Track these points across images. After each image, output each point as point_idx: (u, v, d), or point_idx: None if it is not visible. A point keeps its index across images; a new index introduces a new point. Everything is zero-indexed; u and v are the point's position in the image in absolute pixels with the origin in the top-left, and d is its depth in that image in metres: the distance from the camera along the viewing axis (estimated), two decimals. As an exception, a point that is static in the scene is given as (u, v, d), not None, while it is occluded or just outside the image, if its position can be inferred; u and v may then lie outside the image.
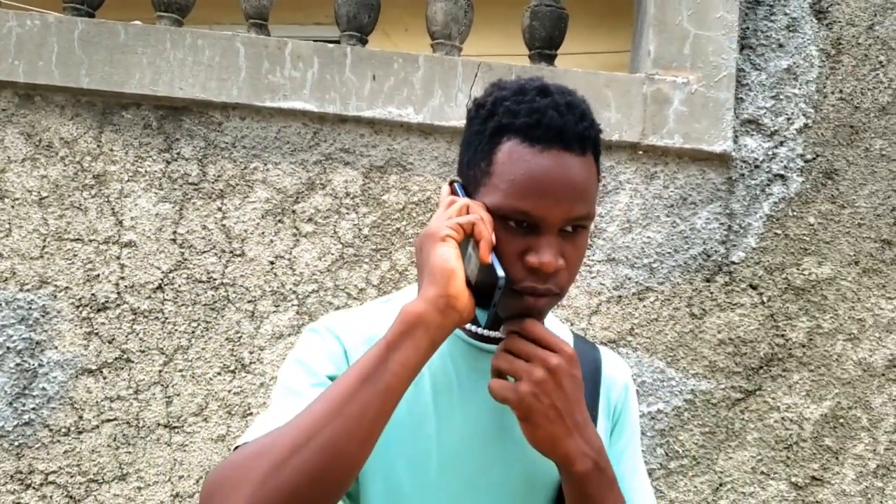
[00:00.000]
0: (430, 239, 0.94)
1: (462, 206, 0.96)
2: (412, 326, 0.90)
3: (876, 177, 2.27)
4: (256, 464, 0.82)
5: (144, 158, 2.16)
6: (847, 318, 2.22)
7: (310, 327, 1.04)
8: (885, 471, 2.19)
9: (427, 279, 0.92)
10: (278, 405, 0.93)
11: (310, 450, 0.83)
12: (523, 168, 0.94)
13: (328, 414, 0.85)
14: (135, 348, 2.11)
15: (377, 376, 0.87)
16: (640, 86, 2.23)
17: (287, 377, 0.97)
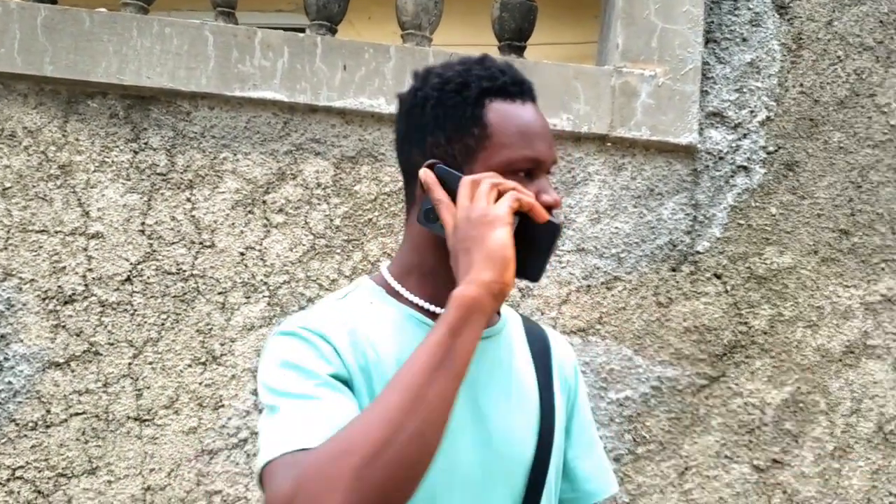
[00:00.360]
0: (486, 224, 0.94)
1: (492, 185, 0.98)
2: (471, 311, 0.91)
3: (834, 168, 2.33)
4: (345, 462, 0.81)
5: (111, 148, 2.13)
6: (806, 306, 2.29)
7: (283, 331, 1.01)
8: (841, 452, 2.27)
9: (482, 264, 0.93)
10: (294, 411, 0.91)
11: (400, 441, 0.83)
12: (519, 121, 1.03)
13: (411, 403, 0.85)
14: (103, 341, 2.08)
15: (447, 362, 0.88)
16: (609, 78, 2.26)
17: (281, 383, 0.95)
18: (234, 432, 2.09)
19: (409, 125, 1.08)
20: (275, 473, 0.85)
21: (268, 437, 0.90)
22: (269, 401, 0.94)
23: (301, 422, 0.90)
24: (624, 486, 2.19)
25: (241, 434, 2.09)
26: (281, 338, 1.00)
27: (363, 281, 1.12)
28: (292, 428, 0.89)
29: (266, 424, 0.92)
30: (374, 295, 1.09)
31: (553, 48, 3.87)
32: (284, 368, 0.96)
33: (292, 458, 0.85)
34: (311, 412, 0.90)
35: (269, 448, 0.88)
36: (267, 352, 1.01)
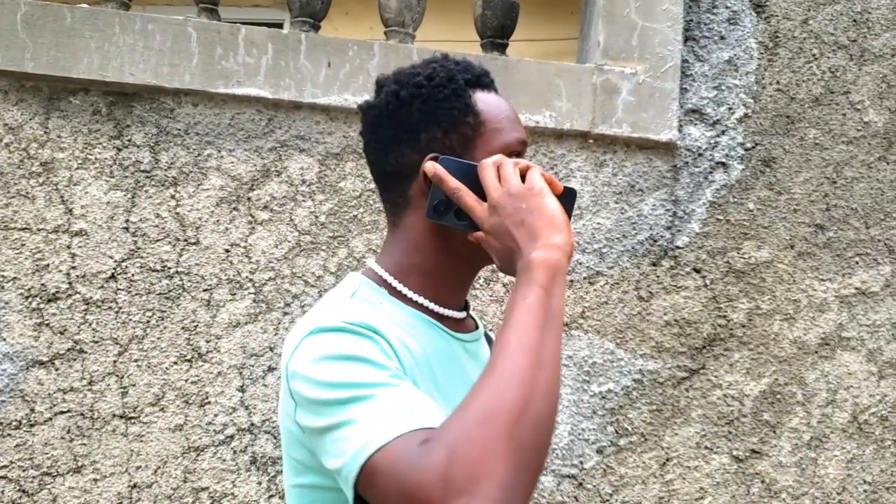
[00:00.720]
0: (534, 195, 0.98)
1: (515, 163, 1.02)
2: (556, 272, 0.93)
3: (810, 164, 2.38)
4: (495, 425, 0.81)
5: (94, 145, 2.12)
6: (783, 300, 2.34)
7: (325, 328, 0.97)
8: (817, 442, 2.32)
9: (548, 229, 0.95)
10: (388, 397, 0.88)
11: (537, 398, 0.85)
12: (501, 107, 1.10)
13: (534, 361, 0.86)
14: (88, 339, 2.07)
15: (549, 322, 0.90)
16: (591, 76, 2.29)
17: (351, 376, 0.91)
18: (220, 429, 2.09)
19: (395, 127, 1.08)
20: (402, 453, 0.82)
21: (367, 426, 0.86)
22: (340, 394, 0.90)
23: (403, 404, 0.88)
24: (606, 478, 2.22)
25: (227, 431, 2.09)
26: (328, 335, 0.96)
27: (360, 279, 1.11)
28: (399, 410, 0.87)
29: (352, 415, 0.88)
30: (380, 295, 1.09)
31: (529, 45, 3.90)
32: (349, 362, 0.92)
33: (415, 435, 0.84)
34: (405, 396, 0.89)
35: (375, 435, 0.85)
36: (311, 351, 0.96)
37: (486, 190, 1.01)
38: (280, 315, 2.14)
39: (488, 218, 1.00)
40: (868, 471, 2.33)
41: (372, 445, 0.85)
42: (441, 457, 0.80)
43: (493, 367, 0.87)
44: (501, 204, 0.98)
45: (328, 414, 0.91)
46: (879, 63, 2.43)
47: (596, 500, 2.21)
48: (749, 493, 2.28)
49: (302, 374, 0.95)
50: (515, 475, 0.81)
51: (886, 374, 2.36)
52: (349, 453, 0.87)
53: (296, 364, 0.97)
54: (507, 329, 0.89)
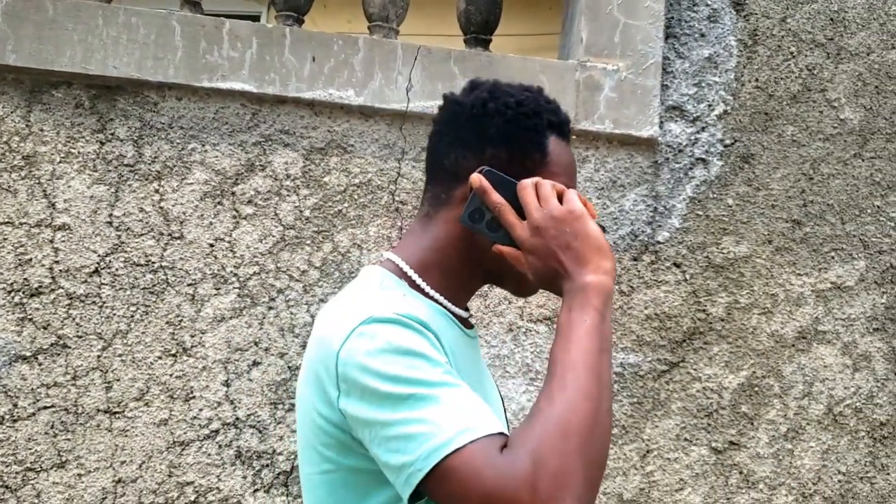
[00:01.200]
0: (578, 219, 1.03)
1: (553, 185, 1.07)
2: (607, 296, 1.00)
3: (787, 161, 2.42)
4: (572, 440, 0.87)
5: (77, 139, 2.11)
6: (761, 294, 2.38)
7: (379, 318, 0.99)
8: (794, 434, 2.37)
9: (595, 254, 1.02)
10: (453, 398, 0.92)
11: (602, 416, 0.91)
12: (568, 157, 1.16)
13: (598, 382, 0.93)
14: (71, 333, 2.06)
15: (605, 344, 0.97)
16: (573, 72, 2.31)
17: (409, 371, 0.94)
18: (205, 423, 2.10)
19: (470, 130, 1.14)
20: (482, 458, 0.87)
21: (437, 427, 0.89)
22: (402, 389, 0.93)
23: (470, 408, 0.92)
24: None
25: (212, 425, 2.10)
26: (383, 325, 0.98)
27: (381, 272, 1.14)
28: (467, 414, 0.91)
29: (419, 414, 0.91)
30: (402, 288, 1.13)
31: (508, 40, 3.91)
32: (407, 357, 0.95)
33: (492, 441, 0.88)
34: (467, 398, 0.93)
35: (450, 437, 0.89)
36: (367, 338, 0.97)
37: (527, 209, 1.05)
38: (265, 310, 2.14)
39: (529, 238, 1.04)
40: (843, 461, 2.38)
41: (448, 447, 0.89)
42: (527, 465, 0.86)
43: (563, 381, 0.92)
44: (545, 226, 1.03)
45: (389, 408, 0.93)
46: (855, 61, 2.47)
47: (578, 492, 2.25)
48: (727, 483, 2.32)
49: (358, 363, 0.96)
50: (588, 486, 0.88)
51: (861, 367, 2.41)
52: (419, 452, 0.90)
53: (350, 352, 0.98)
54: (571, 348, 0.95)
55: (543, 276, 1.05)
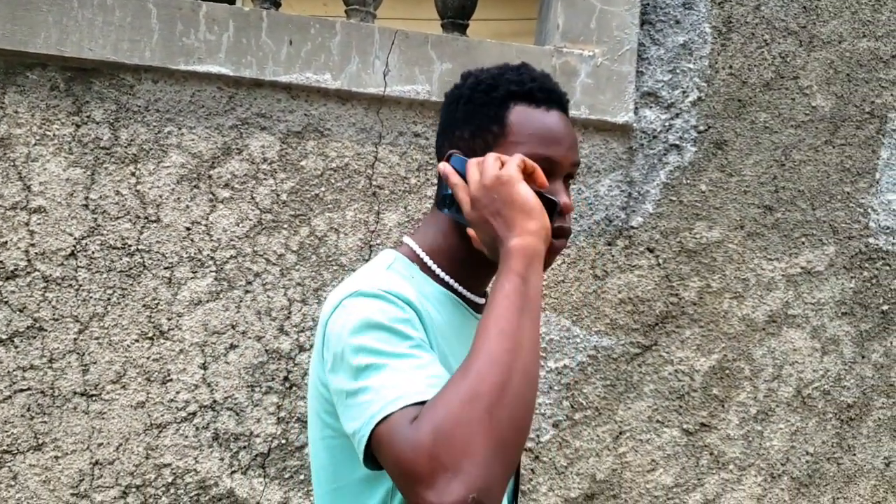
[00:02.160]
0: (503, 184, 1.02)
1: (496, 157, 1.06)
2: (532, 258, 0.99)
3: (760, 147, 2.46)
4: (477, 406, 0.87)
5: (52, 121, 2.10)
6: (733, 278, 2.42)
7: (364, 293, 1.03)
8: (763, 416, 2.42)
9: (521, 217, 1.01)
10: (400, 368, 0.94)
11: (515, 381, 0.90)
12: (538, 122, 1.12)
13: (512, 347, 0.92)
14: (48, 316, 2.06)
15: (527, 306, 0.95)
16: (550, 58, 2.32)
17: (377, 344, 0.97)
18: (182, 406, 2.11)
19: (446, 119, 1.20)
20: (397, 428, 0.89)
21: (377, 395, 0.93)
22: (363, 360, 0.96)
23: (411, 377, 0.94)
24: (562, 451, 2.29)
25: (189, 407, 2.11)
26: (364, 299, 1.02)
27: (395, 254, 1.18)
28: (404, 383, 0.93)
29: (369, 383, 0.95)
30: (412, 270, 1.16)
31: (484, 24, 3.92)
32: (378, 330, 0.98)
33: (413, 411, 0.90)
34: (417, 369, 0.95)
35: (383, 405, 0.91)
36: (350, 311, 1.02)
37: (469, 184, 1.07)
38: (241, 293, 2.15)
39: (470, 212, 1.06)
40: (811, 442, 2.43)
41: (380, 414, 0.92)
42: (427, 433, 0.87)
43: (474, 350, 0.93)
44: (478, 196, 1.05)
45: (351, 378, 0.98)
46: (827, 49, 2.51)
47: (552, 472, 2.28)
48: (698, 464, 2.37)
49: (338, 334, 1.02)
50: (496, 453, 0.87)
51: (829, 351, 2.46)
52: (363, 419, 0.94)
53: (334, 324, 1.04)
54: (488, 314, 0.95)
55: (490, 248, 1.06)
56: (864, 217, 2.51)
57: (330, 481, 1.10)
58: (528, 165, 1.06)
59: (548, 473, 2.28)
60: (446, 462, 0.85)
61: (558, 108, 1.15)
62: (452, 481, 0.84)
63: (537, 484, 2.27)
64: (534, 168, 1.07)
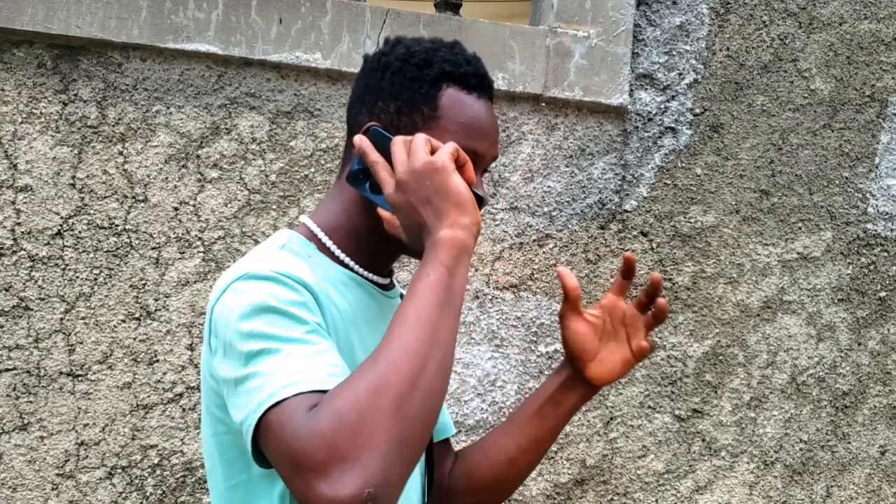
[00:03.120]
0: (438, 172, 0.96)
1: (426, 139, 1.00)
2: (461, 252, 0.95)
3: (757, 131, 2.42)
4: (384, 396, 0.83)
5: (39, 99, 2.08)
6: (728, 263, 2.39)
7: (254, 275, 0.97)
8: (757, 402, 2.39)
9: (454, 209, 0.96)
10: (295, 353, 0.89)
11: (428, 373, 0.86)
12: (470, 112, 1.07)
13: (429, 339, 0.88)
14: (34, 296, 2.05)
15: (449, 300, 0.92)
16: (544, 38, 2.29)
17: (268, 327, 0.92)
18: (169, 387, 2.10)
19: (366, 86, 1.11)
20: (292, 414, 0.84)
21: (268, 380, 0.87)
22: (253, 346, 0.91)
23: (308, 364, 0.89)
24: (552, 436, 2.27)
25: (176, 389, 2.10)
26: (254, 282, 0.96)
27: (290, 233, 1.11)
28: (299, 370, 0.88)
29: (258, 368, 0.89)
30: (309, 249, 1.09)
31: (481, 6, 3.88)
32: (269, 314, 0.93)
33: (310, 398, 0.85)
34: (313, 355, 0.90)
35: (274, 390, 0.86)
36: (238, 294, 0.96)
37: (394, 165, 1.00)
38: (230, 274, 2.13)
39: (393, 194, 0.99)
40: (805, 430, 2.41)
41: (271, 399, 0.86)
42: (326, 422, 0.81)
43: (389, 339, 0.88)
44: (406, 180, 0.98)
45: (240, 365, 0.92)
46: (827, 31, 2.47)
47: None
48: (690, 451, 2.35)
49: (226, 319, 0.96)
50: (399, 448, 0.82)
51: (825, 337, 2.43)
52: (250, 406, 0.88)
53: (221, 308, 0.98)
54: (407, 303, 0.91)
55: (411, 234, 1.00)
56: (863, 202, 2.48)
57: (224, 480, 1.03)
58: (461, 157, 1.01)
59: (537, 458, 2.26)
60: (344, 452, 0.80)
61: (487, 97, 1.11)
62: (349, 473, 0.79)
63: (527, 469, 2.25)
64: (466, 161, 1.02)
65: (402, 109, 1.08)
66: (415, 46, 1.11)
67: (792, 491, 2.40)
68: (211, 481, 1.07)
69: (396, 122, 1.07)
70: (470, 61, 1.10)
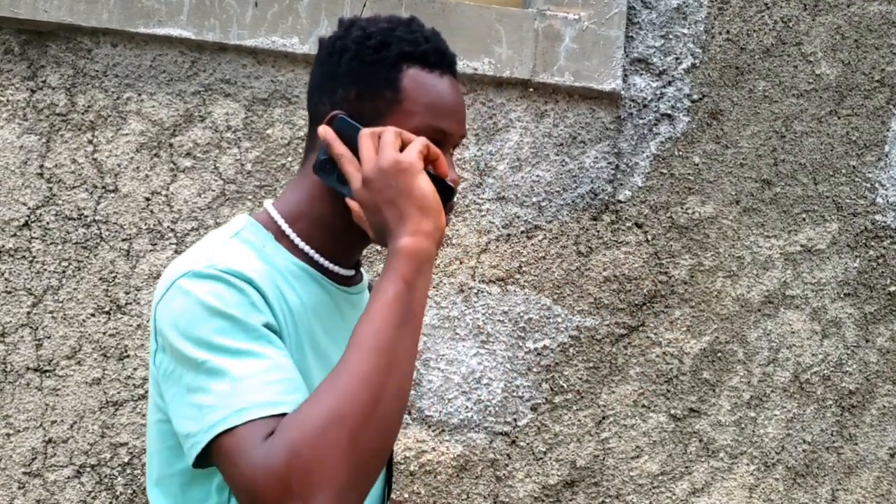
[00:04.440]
0: (403, 172, 0.93)
1: (396, 133, 0.97)
2: (422, 262, 0.92)
3: (758, 118, 2.31)
4: (340, 429, 0.81)
5: (6, 87, 2.01)
6: (727, 256, 2.28)
7: (197, 273, 0.93)
8: (757, 401, 2.28)
9: (417, 214, 0.92)
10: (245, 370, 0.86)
11: (385, 401, 0.84)
12: (434, 92, 1.03)
13: (387, 362, 0.85)
14: (0, 289, 1.99)
15: (409, 318, 0.89)
16: (532, 21, 2.20)
17: (214, 336, 0.88)
18: (139, 383, 2.03)
19: (324, 73, 1.06)
20: (245, 445, 0.82)
21: (220, 401, 0.85)
22: (201, 355, 0.88)
23: (259, 384, 0.86)
24: (540, 436, 2.18)
25: (146, 385, 2.02)
26: (199, 281, 0.92)
27: (246, 219, 1.06)
28: (251, 391, 0.85)
29: (209, 384, 0.86)
30: (264, 238, 1.04)
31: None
32: (217, 319, 0.89)
33: (264, 425, 0.83)
34: (264, 372, 0.87)
35: (226, 414, 0.84)
36: (182, 295, 0.92)
37: (361, 160, 0.96)
38: (204, 266, 2.06)
39: (359, 190, 0.96)
40: (808, 430, 2.30)
41: (222, 425, 0.84)
42: (280, 457, 0.80)
43: (344, 364, 0.85)
44: (371, 178, 0.94)
45: (187, 372, 0.89)
46: (834, 13, 2.35)
47: (529, 458, 2.17)
48: (686, 451, 2.24)
49: (170, 320, 0.92)
50: (354, 479, 0.81)
51: (830, 334, 2.32)
52: (201, 424, 0.86)
53: (164, 307, 0.94)
54: (365, 324, 0.88)
55: (377, 233, 0.97)
56: (871, 192, 2.36)
57: (162, 467, 1.01)
58: (431, 152, 0.97)
59: (525, 459, 2.17)
60: (297, 490, 0.79)
61: (450, 73, 1.06)
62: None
63: (513, 470, 2.16)
64: (437, 156, 0.98)
65: (363, 95, 1.03)
66: (370, 27, 1.05)
67: (795, 494, 2.29)
68: (149, 466, 1.05)
69: (359, 109, 1.02)
70: (429, 38, 1.06)
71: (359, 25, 1.06)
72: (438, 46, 1.06)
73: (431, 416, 2.12)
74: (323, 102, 1.05)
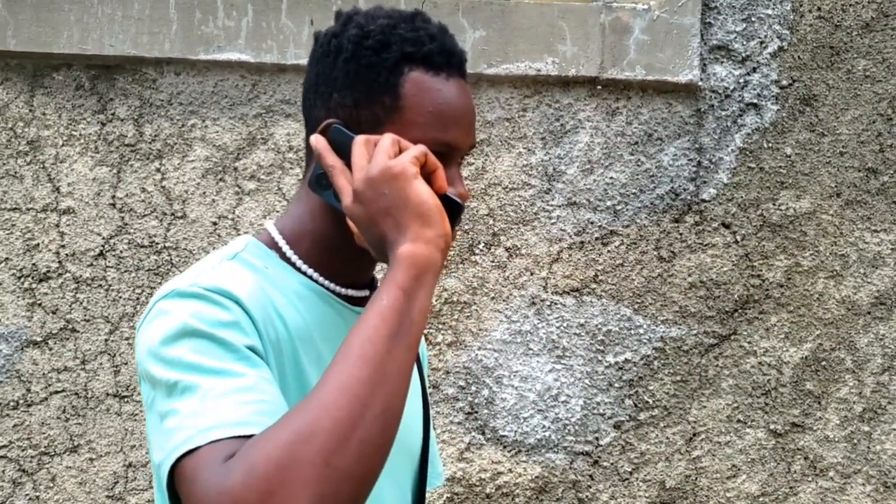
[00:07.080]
0: (396, 178, 0.84)
1: (393, 140, 0.88)
2: (424, 271, 0.83)
3: (859, 100, 2.10)
4: (310, 448, 0.71)
5: (78, 121, 2.08)
6: (829, 255, 2.08)
7: (181, 292, 0.87)
8: (872, 414, 2.06)
9: (417, 220, 0.84)
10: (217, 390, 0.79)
11: (368, 420, 0.75)
12: (438, 98, 0.93)
13: (373, 378, 0.76)
14: (79, 318, 2.05)
15: (404, 330, 0.80)
16: (598, 15, 2.08)
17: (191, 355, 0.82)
18: (212, 407, 2.04)
19: (319, 75, 0.97)
20: (205, 466, 0.74)
21: (185, 421, 0.78)
22: (174, 376, 0.81)
23: (230, 403, 0.78)
24: (625, 455, 2.05)
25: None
26: (179, 301, 0.86)
27: (248, 240, 1.00)
28: (219, 410, 0.77)
29: (178, 405, 0.79)
30: (267, 259, 0.98)
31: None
32: (193, 338, 0.83)
33: (228, 445, 0.75)
34: (238, 391, 0.79)
35: (190, 434, 0.76)
36: (161, 316, 0.86)
37: (353, 171, 0.87)
38: (271, 288, 2.06)
39: (350, 205, 0.87)
40: (934, 445, 2.06)
41: (186, 445, 0.76)
42: (238, 479, 0.71)
43: (326, 376, 0.76)
44: (362, 190, 0.86)
45: (160, 396, 0.83)
46: (944, -22, 2.11)
47: (614, 479, 2.04)
48: (790, 470, 2.05)
49: (149, 343, 0.86)
50: None
51: (955, 336, 2.07)
52: (165, 450, 0.79)
53: (146, 328, 0.88)
54: (353, 334, 0.79)
55: (375, 249, 0.88)
56: None
57: None
58: (430, 163, 0.88)
59: (609, 480, 2.04)
60: None
61: (458, 75, 0.95)
62: None
63: (597, 492, 2.04)
64: (436, 167, 0.88)
65: (360, 101, 0.93)
66: (369, 24, 0.95)
67: (921, 517, 2.05)
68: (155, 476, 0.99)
69: (356, 117, 0.93)
70: (434, 36, 0.95)
71: (356, 22, 0.96)
72: (445, 45, 0.95)
73: (506, 437, 2.03)
74: (317, 107, 0.97)
